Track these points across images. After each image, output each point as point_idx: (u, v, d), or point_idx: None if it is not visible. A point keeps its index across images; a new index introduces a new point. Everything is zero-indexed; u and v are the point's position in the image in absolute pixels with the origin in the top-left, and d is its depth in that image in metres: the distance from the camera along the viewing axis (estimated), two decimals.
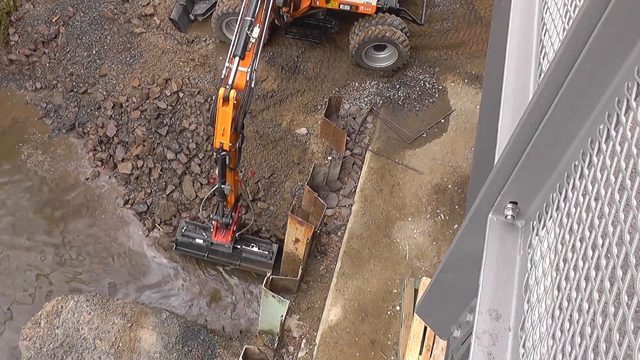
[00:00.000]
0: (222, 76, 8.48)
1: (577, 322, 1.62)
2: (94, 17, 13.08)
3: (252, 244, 10.86)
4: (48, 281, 11.14)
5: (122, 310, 10.30)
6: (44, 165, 12.11)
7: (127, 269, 11.38)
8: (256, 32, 8.52)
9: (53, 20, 13.03)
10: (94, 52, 12.77)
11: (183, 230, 10.99)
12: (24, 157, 12.15)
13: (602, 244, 1.58)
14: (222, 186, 9.36)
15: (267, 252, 10.83)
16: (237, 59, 8.36)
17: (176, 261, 11.45)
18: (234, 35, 8.67)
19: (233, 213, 10.39)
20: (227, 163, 8.91)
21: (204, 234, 10.84)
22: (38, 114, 12.52)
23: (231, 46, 8.57)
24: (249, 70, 8.46)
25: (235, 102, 8.21)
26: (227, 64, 8.47)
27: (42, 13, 13.16)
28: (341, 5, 11.46)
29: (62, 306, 10.30)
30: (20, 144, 12.26)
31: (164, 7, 13.25)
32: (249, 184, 11.55)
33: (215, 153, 8.83)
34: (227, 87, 8.22)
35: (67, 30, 12.98)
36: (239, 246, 10.78)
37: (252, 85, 8.64)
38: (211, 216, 10.68)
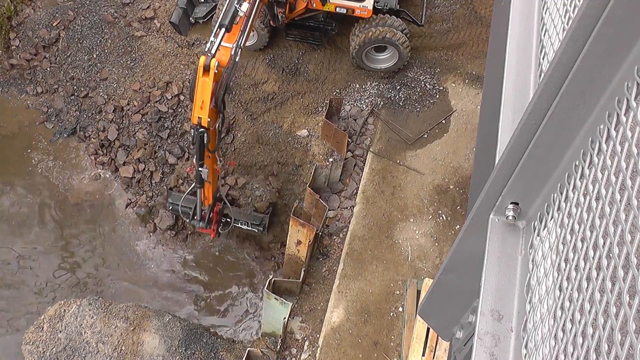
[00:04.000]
0: (206, 49, 8.18)
1: (579, 322, 1.62)
2: (95, 21, 13.10)
3: (241, 222, 10.94)
4: (50, 285, 11.15)
5: (125, 313, 10.30)
6: (46, 169, 12.13)
7: (129, 272, 11.39)
8: (245, 7, 8.29)
9: (54, 25, 13.05)
10: (94, 55, 12.79)
11: (170, 208, 11.14)
12: (34, 162, 12.18)
13: (604, 244, 1.58)
14: (200, 169, 8.98)
15: (256, 230, 11.05)
16: (222, 30, 8.10)
17: (178, 264, 11.46)
18: (222, 9, 8.41)
19: (211, 214, 10.10)
20: (205, 143, 8.52)
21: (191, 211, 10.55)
22: (39, 118, 12.55)
23: (219, 19, 8.30)
24: (234, 46, 8.18)
25: (216, 71, 7.89)
26: (211, 38, 8.18)
27: (42, 17, 13.18)
28: (337, 9, 11.45)
29: (64, 310, 10.31)
30: (29, 151, 12.30)
31: (164, 10, 13.27)
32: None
33: (192, 130, 8.43)
34: (209, 55, 7.91)
35: (67, 35, 12.99)
36: (229, 220, 10.76)
37: (237, 59, 8.32)
38: (188, 221, 10.49)
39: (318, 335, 10.03)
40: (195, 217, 10.18)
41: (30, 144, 12.36)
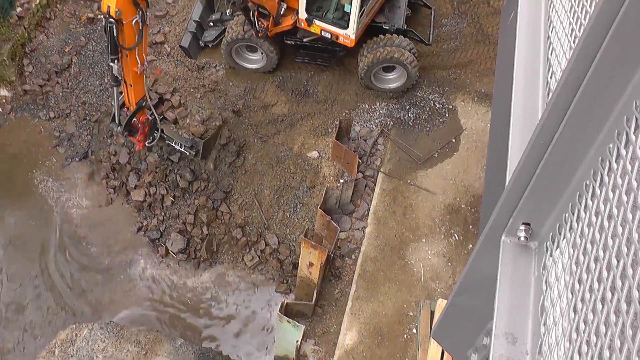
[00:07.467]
0: None
1: (595, 345, 1.59)
2: (106, 46, 13.24)
3: (175, 143, 10.85)
4: (62, 309, 11.15)
5: (136, 338, 10.26)
6: (55, 192, 12.20)
7: (141, 296, 11.37)
8: None
9: (66, 51, 13.24)
10: (106, 80, 12.92)
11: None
12: (36, 182, 12.26)
13: (617, 264, 1.55)
14: (111, 64, 8.42)
15: (188, 153, 10.98)
16: None
17: (190, 288, 11.43)
18: None
19: (135, 118, 9.44)
20: (116, 36, 8.08)
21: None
22: (52, 142, 12.66)
23: None
24: None
25: None
26: None
27: (55, 43, 13.37)
28: (322, 32, 11.48)
29: (76, 334, 10.28)
30: (34, 170, 12.40)
31: (174, 34, 13.42)
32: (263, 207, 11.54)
33: (103, 19, 7.96)
34: None
35: (79, 60, 13.16)
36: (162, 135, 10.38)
37: None
38: (109, 123, 9.81)
39: (331, 358, 9.93)
40: (113, 119, 9.49)
41: (41, 168, 12.45)
